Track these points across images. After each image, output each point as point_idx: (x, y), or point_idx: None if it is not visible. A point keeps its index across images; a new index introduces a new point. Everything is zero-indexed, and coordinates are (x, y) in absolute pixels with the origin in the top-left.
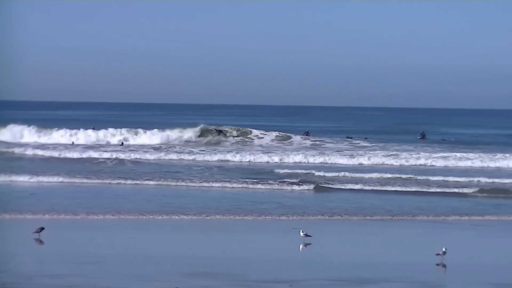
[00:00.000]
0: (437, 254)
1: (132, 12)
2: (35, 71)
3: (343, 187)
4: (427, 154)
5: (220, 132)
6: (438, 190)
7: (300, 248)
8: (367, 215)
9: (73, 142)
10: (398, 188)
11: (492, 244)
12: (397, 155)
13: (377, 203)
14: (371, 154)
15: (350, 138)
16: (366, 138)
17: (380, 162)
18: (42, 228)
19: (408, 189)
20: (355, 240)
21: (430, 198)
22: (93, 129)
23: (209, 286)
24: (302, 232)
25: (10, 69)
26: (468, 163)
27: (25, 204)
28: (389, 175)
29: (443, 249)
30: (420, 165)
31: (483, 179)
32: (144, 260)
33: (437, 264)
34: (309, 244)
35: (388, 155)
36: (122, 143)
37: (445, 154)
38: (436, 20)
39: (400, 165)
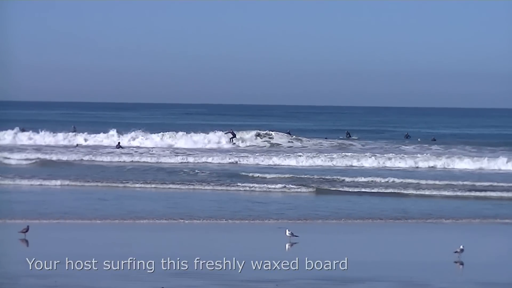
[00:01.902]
0: (455, 252)
1: (124, 12)
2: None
3: (344, 190)
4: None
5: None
6: (430, 193)
7: (286, 247)
8: (357, 217)
9: (77, 145)
10: (397, 190)
11: (478, 244)
12: (403, 157)
13: (372, 205)
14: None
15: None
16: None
17: (382, 164)
18: (28, 228)
19: (406, 192)
20: (342, 240)
21: (421, 200)
22: (74, 128)
23: (195, 286)
24: (288, 231)
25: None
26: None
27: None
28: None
29: (461, 247)
30: (425, 167)
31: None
32: (130, 260)
33: (455, 262)
34: (296, 243)
35: (395, 157)
36: (119, 143)
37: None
38: (414, 19)
39: (412, 167)
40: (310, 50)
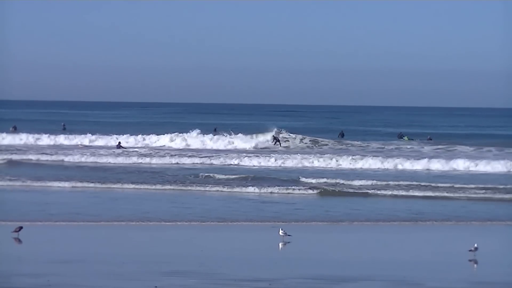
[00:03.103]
0: (469, 250)
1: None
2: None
3: (350, 191)
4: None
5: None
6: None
7: (280, 246)
8: (354, 220)
9: (81, 144)
10: (398, 192)
11: (470, 243)
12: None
13: (371, 207)
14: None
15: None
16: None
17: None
18: (21, 228)
19: (407, 193)
20: (335, 239)
21: (418, 202)
22: (64, 126)
23: (188, 285)
24: (282, 230)
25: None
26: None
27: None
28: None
29: (475, 245)
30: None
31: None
32: (124, 260)
33: (470, 260)
34: (289, 242)
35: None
36: (120, 142)
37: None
38: (412, 19)
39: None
40: (303, 48)
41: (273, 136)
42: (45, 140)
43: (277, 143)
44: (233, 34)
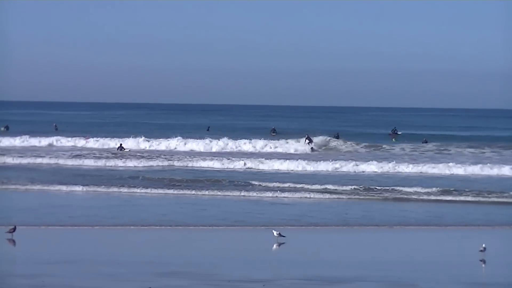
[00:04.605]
0: (480, 251)
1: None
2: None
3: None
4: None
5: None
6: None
7: (274, 247)
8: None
9: (86, 139)
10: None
11: (464, 245)
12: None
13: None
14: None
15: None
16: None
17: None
18: (14, 228)
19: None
20: (329, 240)
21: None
22: (56, 127)
23: (182, 286)
24: (276, 232)
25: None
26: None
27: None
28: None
29: (483, 246)
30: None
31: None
32: (118, 261)
33: (480, 260)
34: (283, 243)
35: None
36: (121, 144)
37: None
38: (412, 19)
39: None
40: (298, 48)
41: (307, 136)
42: (36, 141)
43: (310, 143)
44: (228, 34)
